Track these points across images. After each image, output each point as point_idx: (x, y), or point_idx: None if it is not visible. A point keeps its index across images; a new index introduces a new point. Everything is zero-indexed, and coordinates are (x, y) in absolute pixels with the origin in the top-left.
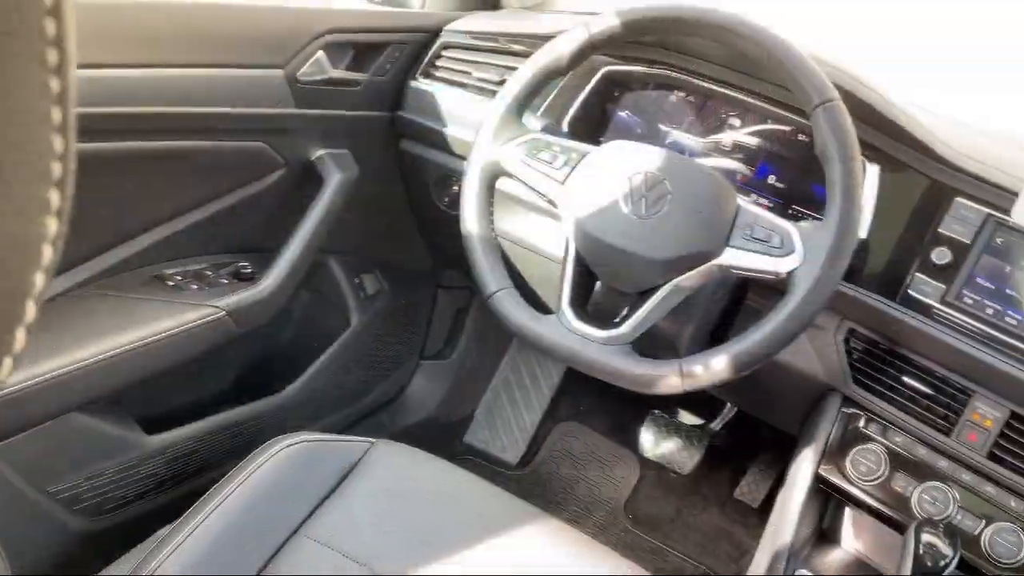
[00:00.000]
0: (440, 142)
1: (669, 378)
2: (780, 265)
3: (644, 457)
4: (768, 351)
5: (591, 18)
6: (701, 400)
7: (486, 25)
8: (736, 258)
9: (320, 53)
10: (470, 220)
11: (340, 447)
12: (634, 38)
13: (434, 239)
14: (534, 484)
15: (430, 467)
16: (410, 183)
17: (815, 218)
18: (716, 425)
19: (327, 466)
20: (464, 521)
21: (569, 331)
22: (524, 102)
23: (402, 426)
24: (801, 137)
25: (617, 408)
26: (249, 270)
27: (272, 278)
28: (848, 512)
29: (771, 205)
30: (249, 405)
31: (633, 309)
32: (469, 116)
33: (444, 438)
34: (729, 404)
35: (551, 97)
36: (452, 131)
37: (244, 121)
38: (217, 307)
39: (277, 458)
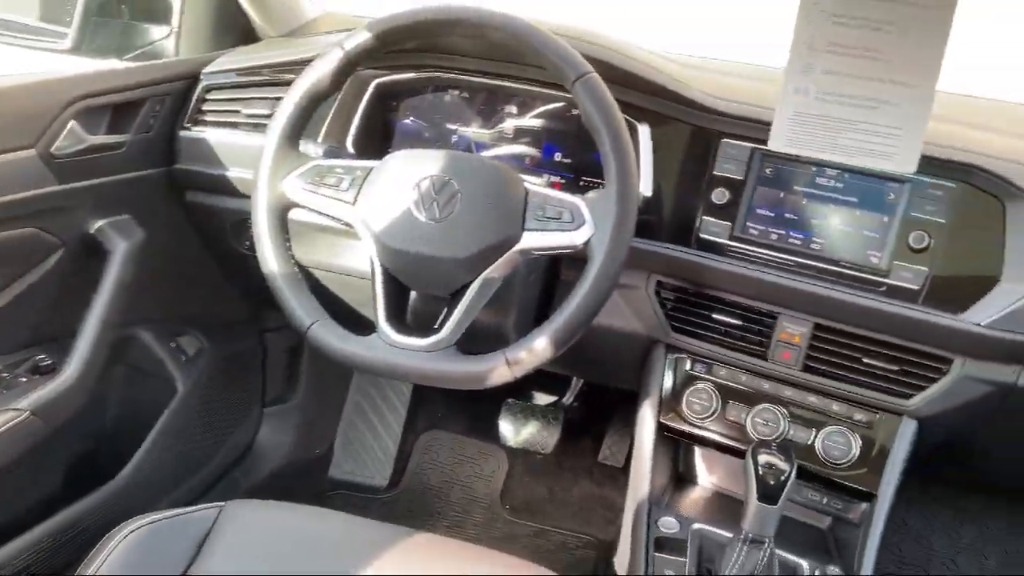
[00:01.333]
0: (225, 187)
1: (498, 369)
2: (575, 238)
3: (508, 446)
4: (582, 321)
5: (344, 36)
6: (549, 378)
7: (247, 60)
8: (535, 240)
9: (72, 123)
10: (268, 259)
11: (188, 519)
12: (391, 48)
13: (245, 284)
14: (409, 501)
15: (287, 516)
16: (206, 233)
17: (602, 186)
18: (568, 399)
19: (178, 543)
20: (333, 562)
21: (391, 347)
22: (295, 131)
23: (259, 480)
24: (574, 112)
25: (473, 406)
26: (48, 362)
27: (74, 366)
28: (698, 451)
29: (563, 181)
30: (83, 501)
31: (450, 311)
32: (248, 155)
33: (307, 480)
34: (575, 377)
35: (329, 120)
36: (235, 173)
37: (5, 210)
38: (19, 409)
39: (120, 548)
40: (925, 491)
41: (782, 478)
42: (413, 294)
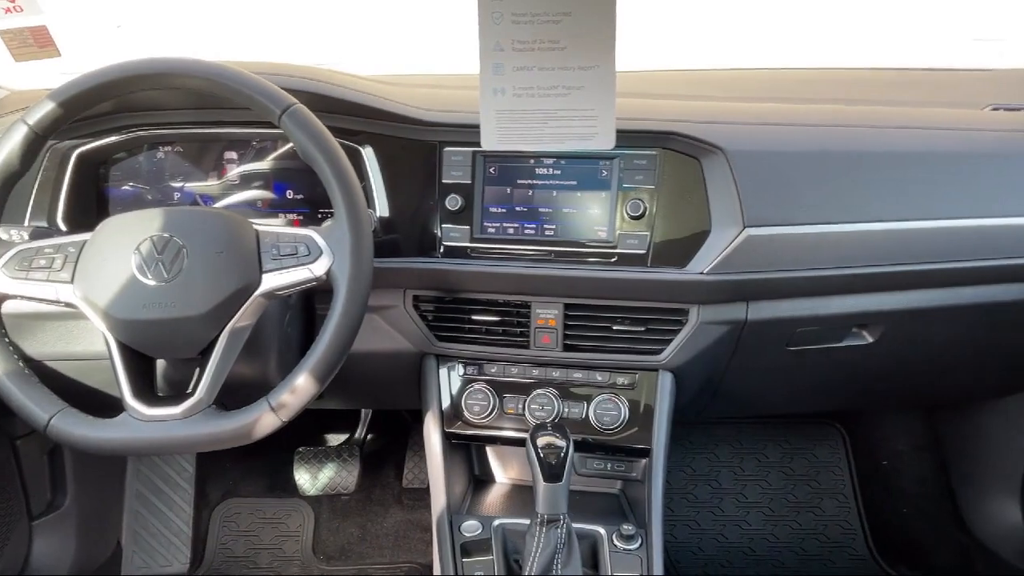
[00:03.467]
0: None
1: (264, 418)
2: (315, 269)
3: (310, 496)
4: (340, 350)
5: (27, 110)
6: (337, 417)
7: None
8: (276, 280)
9: None
10: None
11: None
12: (82, 114)
13: None
14: None
15: None
16: None
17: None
18: (360, 433)
19: None
20: None
21: (145, 422)
22: None
23: None
24: (293, 146)
25: (264, 463)
26: None
27: None
28: (490, 450)
29: (301, 218)
30: None
31: (202, 371)
32: None
33: None
34: (363, 410)
35: (33, 200)
36: None
37: None
38: None
39: None
40: (710, 435)
41: (561, 455)
42: (160, 362)
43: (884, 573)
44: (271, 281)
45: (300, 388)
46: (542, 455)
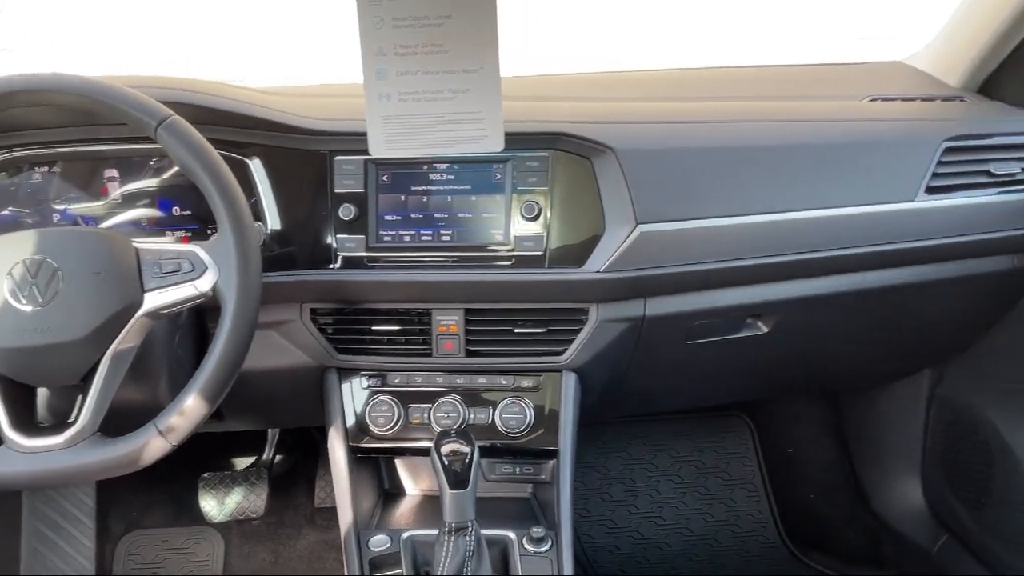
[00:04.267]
0: None
1: (152, 443)
2: (201, 285)
3: (218, 523)
4: (230, 368)
5: None
6: (243, 438)
7: None
8: (159, 298)
9: None
10: None
11: None
12: None
13: None
14: None
15: None
16: None
17: None
18: (268, 454)
19: None
20: None
21: (25, 454)
22: None
23: None
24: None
25: (168, 491)
26: None
27: None
28: (398, 463)
29: (190, 234)
30: None
31: (85, 397)
32: None
33: None
34: (269, 430)
35: None
36: None
37: None
38: None
39: None
40: (622, 433)
41: (467, 461)
42: (42, 390)
43: (795, 559)
44: (154, 300)
45: (189, 410)
46: (447, 463)
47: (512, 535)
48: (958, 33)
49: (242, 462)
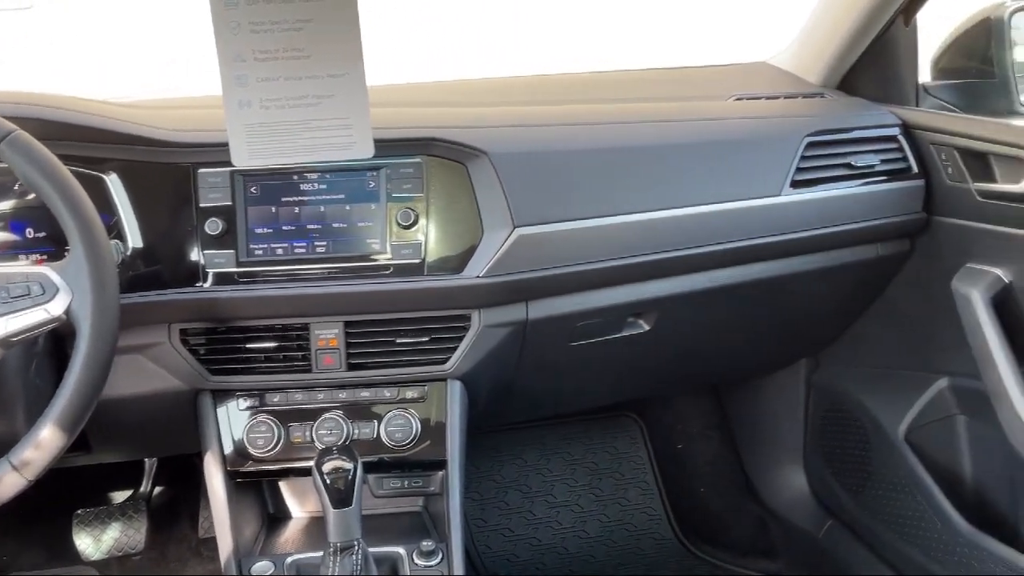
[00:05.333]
0: None
1: (5, 480)
2: (53, 309)
3: (96, 561)
4: (88, 395)
5: None
6: (117, 470)
7: None
8: (7, 326)
9: None
10: None
11: None
12: None
13: None
14: None
15: None
16: None
17: None
18: (146, 486)
19: None
20: None
21: None
22: None
23: None
24: None
25: (41, 531)
26: None
27: None
28: (283, 485)
29: (46, 257)
30: None
31: None
32: None
33: None
34: (147, 460)
35: None
36: None
37: None
38: None
39: None
40: (516, 441)
41: (349, 477)
42: None
43: (688, 553)
44: (3, 327)
45: (45, 442)
46: (328, 481)
47: (402, 551)
48: (816, 33)
49: (119, 495)
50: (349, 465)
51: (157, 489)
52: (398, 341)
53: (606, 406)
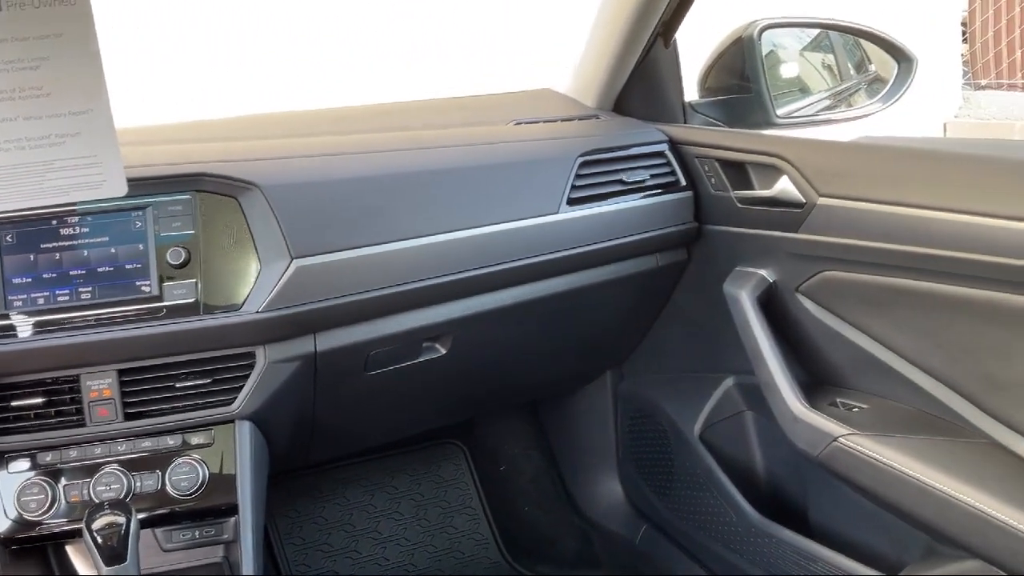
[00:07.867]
0: None
1: None
2: None
3: None
4: None
5: None
6: None
7: None
8: None
9: None
10: None
11: None
12: None
13: None
14: None
15: None
16: None
17: None
18: None
19: None
20: None
21: None
22: None
23: None
24: None
25: None
26: None
27: None
28: (69, 549)
29: None
30: None
31: None
32: None
33: None
34: None
35: None
36: None
37: None
38: None
39: None
40: (338, 479)
41: (122, 532)
42: None
43: (517, 573)
44: None
45: None
46: (100, 539)
47: None
48: (587, 58)
49: None
50: (123, 520)
51: None
52: (178, 385)
53: (428, 435)
